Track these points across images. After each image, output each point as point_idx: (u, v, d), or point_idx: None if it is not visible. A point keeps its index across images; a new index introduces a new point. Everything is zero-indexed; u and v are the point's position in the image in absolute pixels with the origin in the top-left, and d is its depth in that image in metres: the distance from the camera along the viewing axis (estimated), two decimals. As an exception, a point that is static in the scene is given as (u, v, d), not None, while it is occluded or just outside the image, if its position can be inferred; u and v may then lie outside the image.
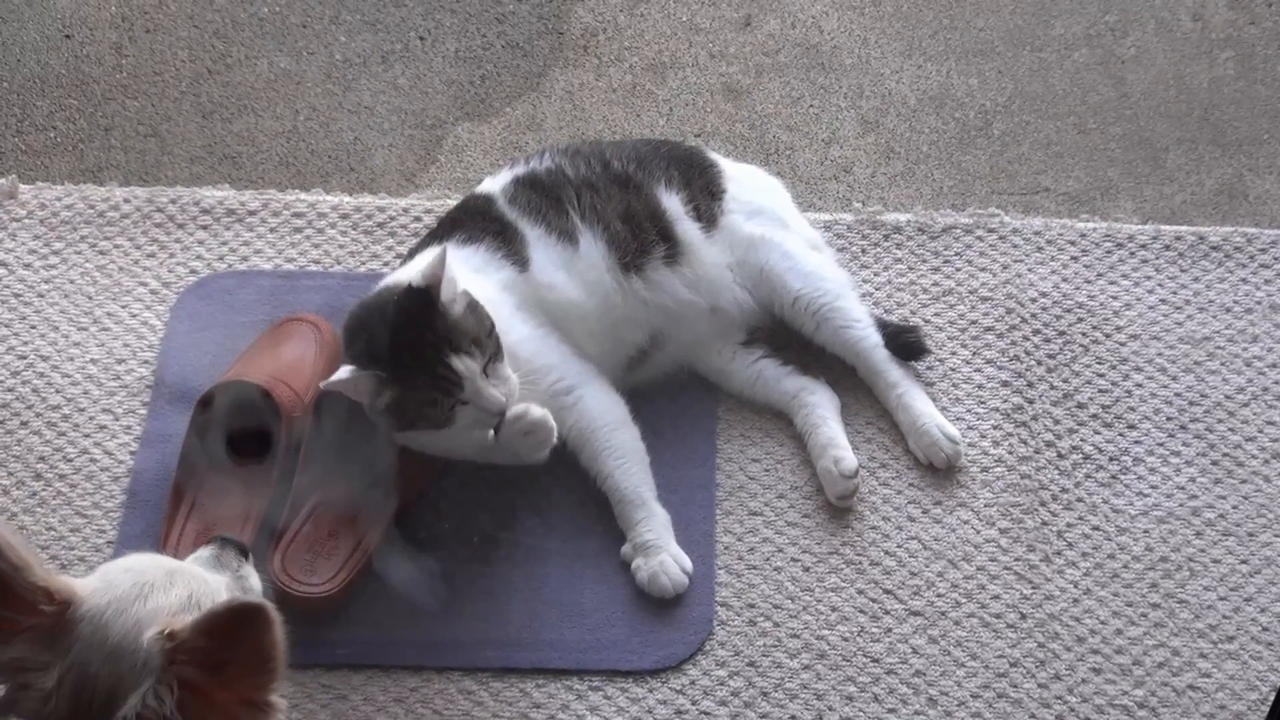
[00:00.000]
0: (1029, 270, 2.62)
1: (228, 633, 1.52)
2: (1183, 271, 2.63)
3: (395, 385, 2.18)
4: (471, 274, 2.31)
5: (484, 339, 2.19)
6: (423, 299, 2.18)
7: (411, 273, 2.26)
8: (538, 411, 2.23)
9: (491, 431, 2.23)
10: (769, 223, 2.49)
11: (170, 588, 1.63)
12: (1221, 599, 2.31)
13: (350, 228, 2.67)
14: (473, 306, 2.20)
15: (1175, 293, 2.60)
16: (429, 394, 2.18)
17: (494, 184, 2.43)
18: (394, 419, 2.21)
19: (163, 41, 2.95)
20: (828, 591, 2.31)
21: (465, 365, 2.16)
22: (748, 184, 2.53)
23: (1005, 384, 2.49)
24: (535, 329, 2.33)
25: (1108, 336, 2.55)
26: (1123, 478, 2.41)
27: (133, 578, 1.62)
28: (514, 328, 2.29)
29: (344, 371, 2.18)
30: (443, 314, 2.17)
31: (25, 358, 2.51)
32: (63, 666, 1.54)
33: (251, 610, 1.52)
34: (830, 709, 2.21)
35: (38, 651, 1.54)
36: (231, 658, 1.52)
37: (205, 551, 1.82)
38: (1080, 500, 2.38)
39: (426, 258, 2.28)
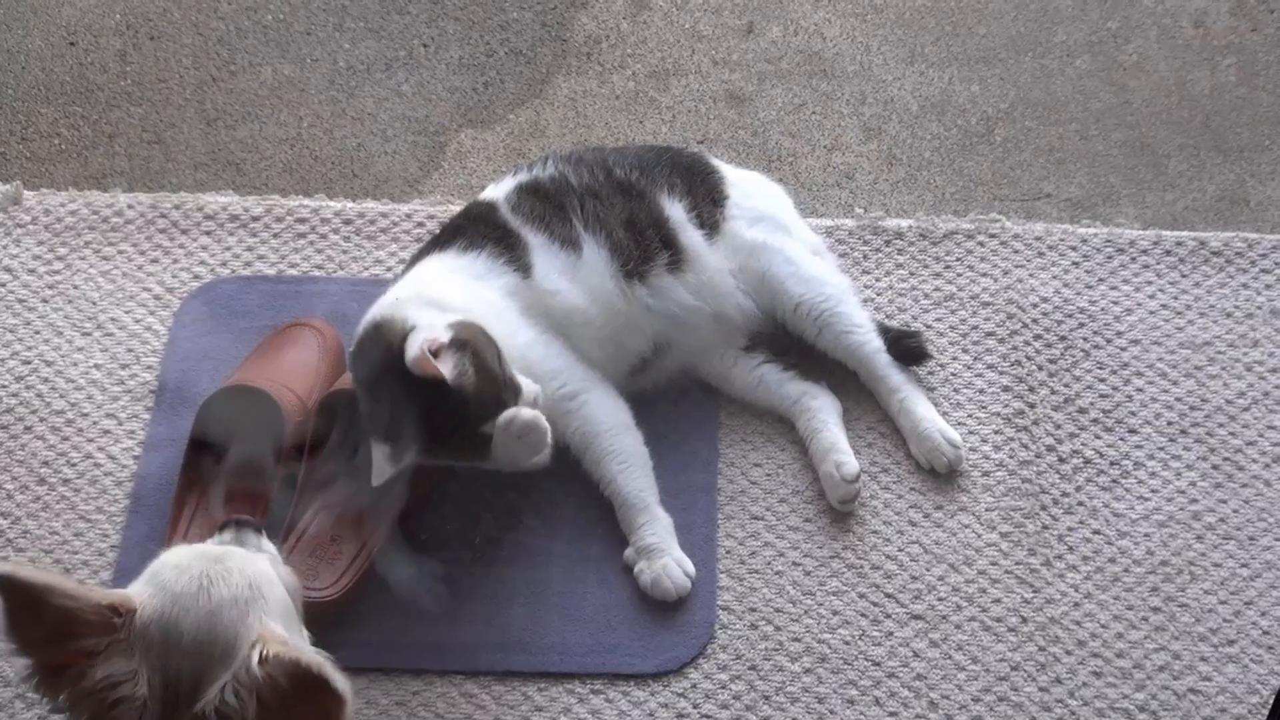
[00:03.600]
0: (1030, 276, 2.62)
1: (303, 688, 1.58)
2: (1184, 277, 2.63)
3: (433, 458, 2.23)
4: (473, 281, 2.31)
5: (500, 382, 2.19)
6: (438, 388, 2.15)
7: (410, 293, 2.28)
8: (527, 413, 2.20)
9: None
10: (771, 229, 2.49)
11: (228, 576, 1.66)
12: (1222, 603, 2.31)
13: (353, 233, 2.67)
14: (477, 353, 2.19)
15: (1176, 298, 2.61)
16: (469, 458, 2.24)
17: (497, 191, 2.44)
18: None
19: (167, 49, 2.96)
20: (829, 595, 2.31)
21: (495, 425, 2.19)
22: (750, 190, 2.54)
23: (1006, 389, 2.49)
24: (539, 334, 2.33)
25: (1109, 341, 2.55)
26: (1123, 482, 2.41)
27: (187, 574, 1.65)
28: (518, 333, 2.30)
29: (379, 455, 2.17)
30: (461, 398, 2.16)
31: (29, 363, 2.52)
32: (148, 671, 1.58)
33: (330, 688, 1.58)
34: (831, 712, 2.21)
35: (121, 665, 1.58)
36: (295, 713, 1.58)
37: (225, 537, 1.84)
38: (1081, 504, 2.39)
39: (428, 266, 2.33)
